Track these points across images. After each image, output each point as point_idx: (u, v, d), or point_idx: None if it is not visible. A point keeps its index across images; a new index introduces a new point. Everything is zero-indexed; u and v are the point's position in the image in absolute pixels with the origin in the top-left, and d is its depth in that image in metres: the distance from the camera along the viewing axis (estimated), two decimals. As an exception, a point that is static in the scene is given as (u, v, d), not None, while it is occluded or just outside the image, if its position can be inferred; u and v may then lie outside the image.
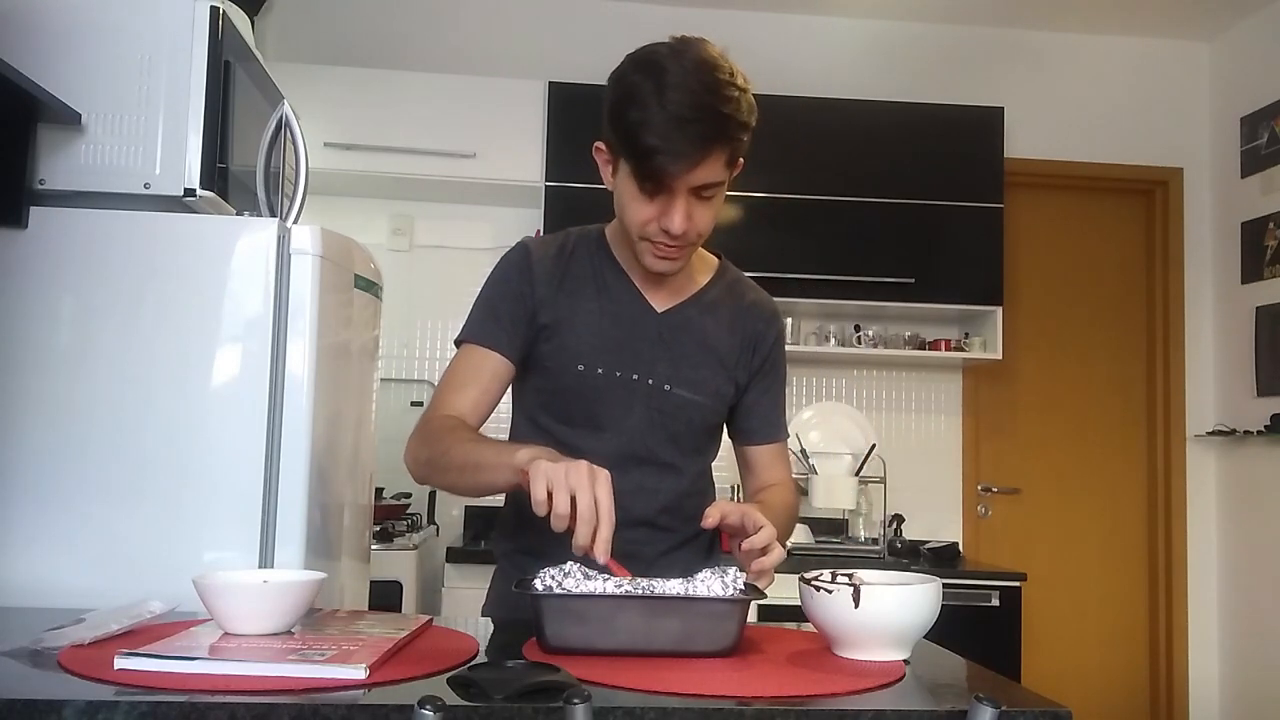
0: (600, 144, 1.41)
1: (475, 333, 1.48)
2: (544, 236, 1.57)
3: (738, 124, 1.31)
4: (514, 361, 1.48)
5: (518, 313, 1.47)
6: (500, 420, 1.53)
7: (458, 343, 1.50)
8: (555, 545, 1.21)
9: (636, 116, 1.29)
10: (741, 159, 1.38)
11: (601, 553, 1.15)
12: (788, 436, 1.64)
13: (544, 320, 1.48)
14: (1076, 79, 4.11)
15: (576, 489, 1.14)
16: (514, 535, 1.55)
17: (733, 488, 3.22)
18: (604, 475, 1.17)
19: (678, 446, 1.50)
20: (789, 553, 1.29)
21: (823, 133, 3.67)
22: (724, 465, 1.61)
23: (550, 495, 1.15)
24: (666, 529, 1.48)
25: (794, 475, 1.65)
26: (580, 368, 1.46)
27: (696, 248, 1.44)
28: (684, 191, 1.33)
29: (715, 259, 1.60)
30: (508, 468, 1.24)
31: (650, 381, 1.47)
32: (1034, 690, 1.05)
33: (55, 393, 1.59)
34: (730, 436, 1.61)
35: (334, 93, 3.51)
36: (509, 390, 1.53)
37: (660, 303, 1.50)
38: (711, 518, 1.28)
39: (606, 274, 1.50)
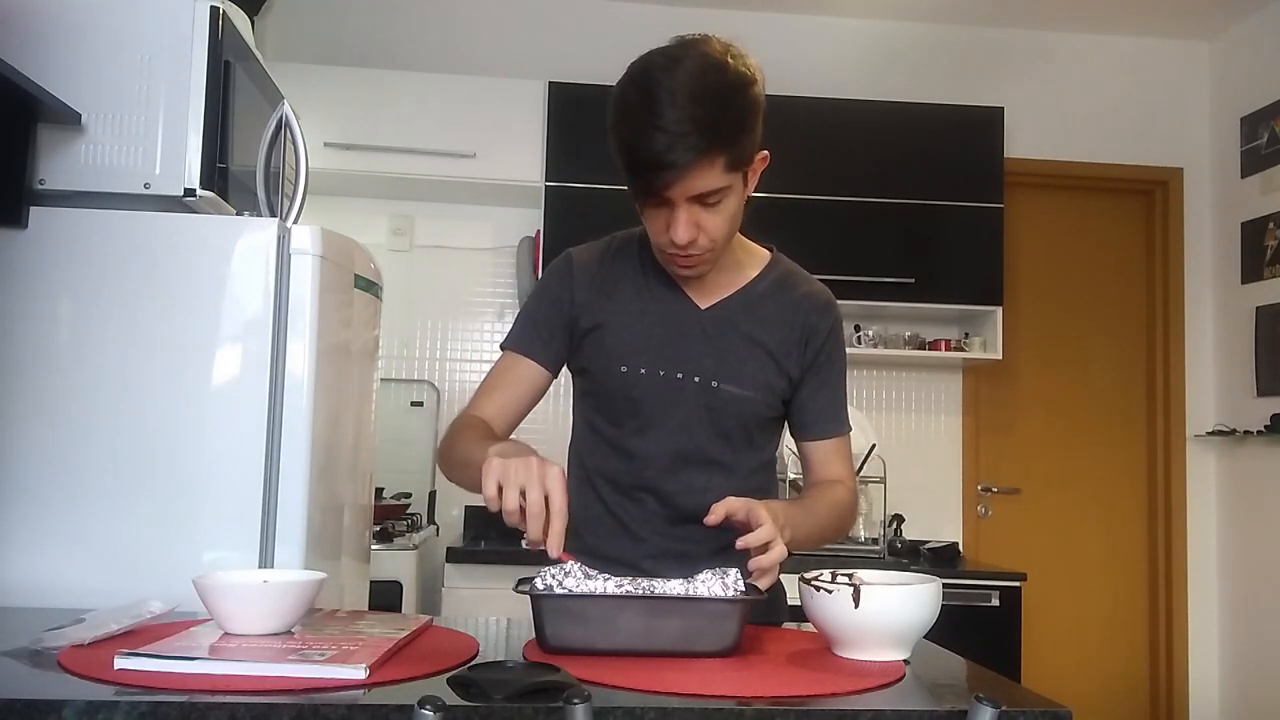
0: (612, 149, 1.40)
1: (513, 340, 1.53)
2: (589, 244, 1.57)
3: (730, 130, 1.29)
4: (549, 368, 1.51)
5: (556, 320, 1.50)
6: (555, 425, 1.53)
7: (501, 346, 1.54)
8: (610, 544, 1.18)
9: (624, 132, 1.29)
10: (763, 154, 1.37)
11: (554, 547, 1.14)
12: (848, 430, 1.58)
13: (585, 325, 1.49)
14: (1076, 79, 4.11)
15: (525, 484, 1.14)
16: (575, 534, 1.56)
17: (788, 483, 3.24)
18: (555, 470, 1.16)
19: (729, 443, 1.49)
20: (789, 553, 1.27)
21: (823, 133, 3.67)
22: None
23: (501, 492, 1.14)
24: (721, 527, 1.46)
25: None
26: (623, 369, 1.47)
27: (717, 252, 1.41)
28: (684, 202, 1.31)
29: (767, 252, 1.57)
30: (476, 466, 1.24)
31: (697, 379, 1.47)
32: (1034, 690, 1.05)
33: (55, 393, 1.59)
34: (790, 432, 1.58)
35: (334, 93, 3.51)
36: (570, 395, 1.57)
37: (703, 299, 1.50)
38: (715, 515, 1.27)
39: (648, 274, 1.50)
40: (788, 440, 1.62)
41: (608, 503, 1.49)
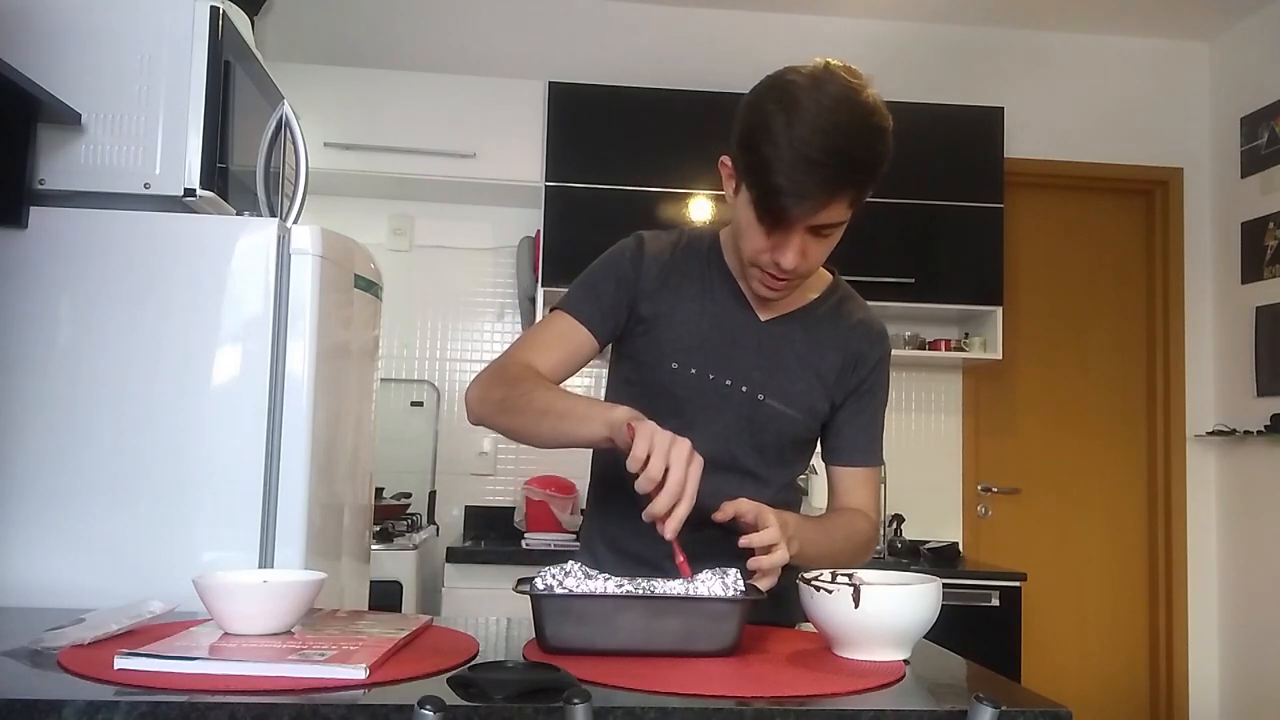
0: (726, 159, 1.38)
1: (572, 304, 1.49)
2: (658, 232, 1.55)
3: (869, 169, 1.29)
4: (600, 342, 1.49)
5: (619, 297, 1.48)
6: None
7: (552, 310, 1.51)
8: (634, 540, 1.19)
9: (766, 151, 1.26)
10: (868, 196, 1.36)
11: (671, 530, 1.16)
12: (880, 464, 1.58)
13: (644, 312, 1.48)
14: (1076, 79, 4.11)
15: (673, 461, 1.16)
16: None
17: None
18: (700, 461, 1.18)
19: (763, 456, 1.49)
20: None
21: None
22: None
23: (648, 459, 1.16)
24: (740, 533, 1.46)
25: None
26: (674, 365, 1.46)
27: (805, 280, 1.43)
28: (801, 230, 1.31)
29: (829, 275, 1.57)
30: (601, 421, 1.25)
31: (744, 389, 1.46)
32: (1034, 690, 1.05)
33: (55, 393, 1.59)
34: (821, 455, 1.58)
35: (334, 93, 3.51)
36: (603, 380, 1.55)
37: (765, 313, 1.49)
38: (724, 512, 1.27)
39: (714, 277, 1.50)
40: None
41: (635, 496, 1.49)
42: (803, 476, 1.60)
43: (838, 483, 1.56)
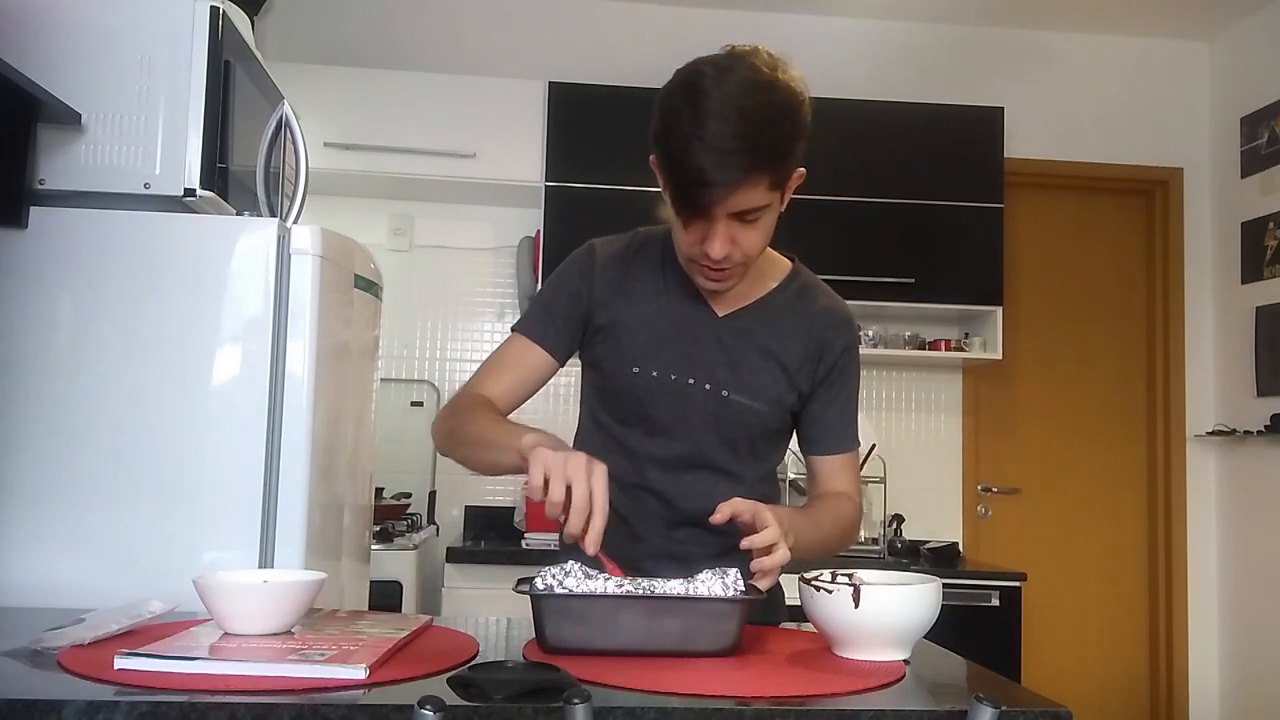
0: (653, 158, 1.38)
1: (526, 324, 1.52)
2: (613, 236, 1.56)
3: (778, 150, 1.29)
4: (558, 358, 1.51)
5: (571, 312, 1.49)
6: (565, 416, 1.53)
7: (511, 331, 1.54)
8: (609, 541, 1.21)
9: (674, 146, 1.27)
10: (800, 171, 1.36)
11: (592, 544, 1.15)
12: (857, 446, 1.58)
13: (601, 321, 1.49)
14: (1076, 79, 4.11)
15: (573, 479, 1.15)
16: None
17: (788, 483, 3.24)
18: (601, 469, 1.18)
19: (734, 452, 1.49)
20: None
21: (823, 133, 3.61)
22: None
23: (547, 483, 1.16)
24: (721, 531, 1.43)
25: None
26: (635, 370, 1.46)
27: (747, 267, 1.41)
28: (724, 218, 1.31)
29: (788, 262, 1.57)
30: (513, 449, 1.26)
31: (708, 387, 1.46)
32: (1034, 690, 1.05)
33: (55, 393, 1.59)
34: (798, 446, 1.58)
35: (334, 93, 3.51)
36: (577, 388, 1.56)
37: (722, 307, 1.49)
38: (721, 514, 1.27)
39: (669, 277, 1.49)
40: (792, 444, 1.62)
41: (610, 498, 1.49)
42: (803, 476, 1.60)
43: (817, 470, 1.56)
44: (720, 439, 1.48)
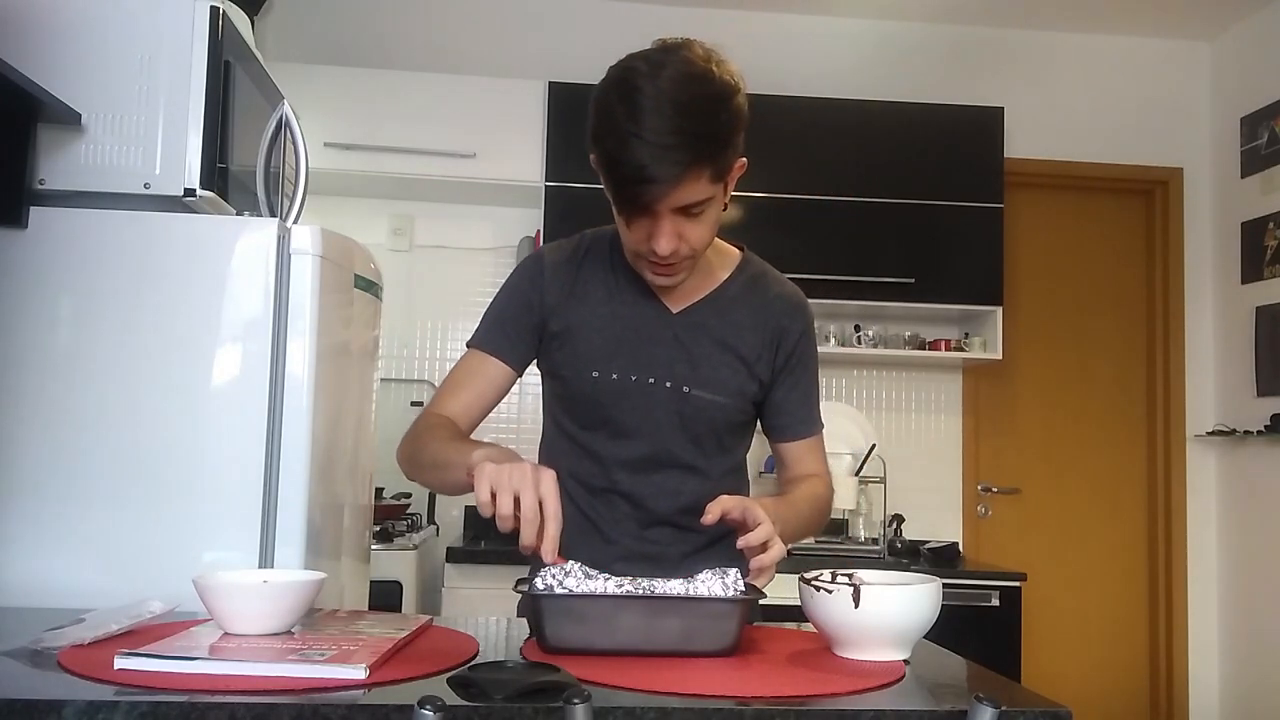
0: (593, 157, 1.38)
1: (479, 338, 1.52)
2: (560, 242, 1.55)
3: (716, 141, 1.27)
4: (516, 369, 1.50)
5: (524, 321, 1.49)
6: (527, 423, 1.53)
7: (467, 346, 1.53)
8: (580, 546, 1.18)
9: (610, 144, 1.27)
10: (741, 161, 1.35)
11: (548, 552, 1.13)
12: (822, 429, 1.58)
13: (555, 328, 1.48)
14: (1076, 79, 4.11)
15: (520, 489, 1.13)
16: None
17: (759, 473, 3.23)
18: (548, 475, 1.15)
19: (700, 448, 1.48)
20: (789, 553, 1.27)
21: (823, 133, 3.67)
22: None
23: (495, 497, 1.13)
24: (691, 529, 1.45)
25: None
26: (594, 374, 1.45)
27: (695, 260, 1.41)
28: (668, 213, 1.30)
29: (737, 252, 1.56)
30: (463, 468, 1.23)
31: (668, 384, 1.46)
32: (1034, 690, 1.05)
33: (55, 392, 1.59)
34: (764, 432, 1.58)
35: (334, 93, 3.51)
36: (537, 395, 1.55)
37: (675, 303, 1.48)
38: (712, 514, 1.26)
39: (619, 277, 1.49)
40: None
41: (579, 504, 1.48)
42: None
43: (786, 456, 1.56)
44: (685, 436, 1.47)
